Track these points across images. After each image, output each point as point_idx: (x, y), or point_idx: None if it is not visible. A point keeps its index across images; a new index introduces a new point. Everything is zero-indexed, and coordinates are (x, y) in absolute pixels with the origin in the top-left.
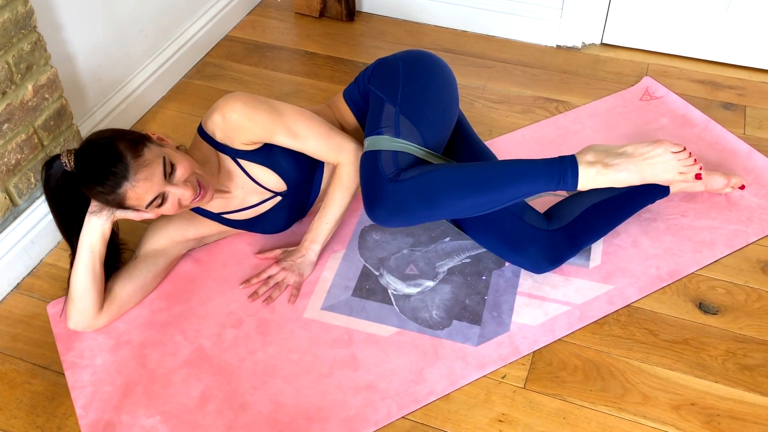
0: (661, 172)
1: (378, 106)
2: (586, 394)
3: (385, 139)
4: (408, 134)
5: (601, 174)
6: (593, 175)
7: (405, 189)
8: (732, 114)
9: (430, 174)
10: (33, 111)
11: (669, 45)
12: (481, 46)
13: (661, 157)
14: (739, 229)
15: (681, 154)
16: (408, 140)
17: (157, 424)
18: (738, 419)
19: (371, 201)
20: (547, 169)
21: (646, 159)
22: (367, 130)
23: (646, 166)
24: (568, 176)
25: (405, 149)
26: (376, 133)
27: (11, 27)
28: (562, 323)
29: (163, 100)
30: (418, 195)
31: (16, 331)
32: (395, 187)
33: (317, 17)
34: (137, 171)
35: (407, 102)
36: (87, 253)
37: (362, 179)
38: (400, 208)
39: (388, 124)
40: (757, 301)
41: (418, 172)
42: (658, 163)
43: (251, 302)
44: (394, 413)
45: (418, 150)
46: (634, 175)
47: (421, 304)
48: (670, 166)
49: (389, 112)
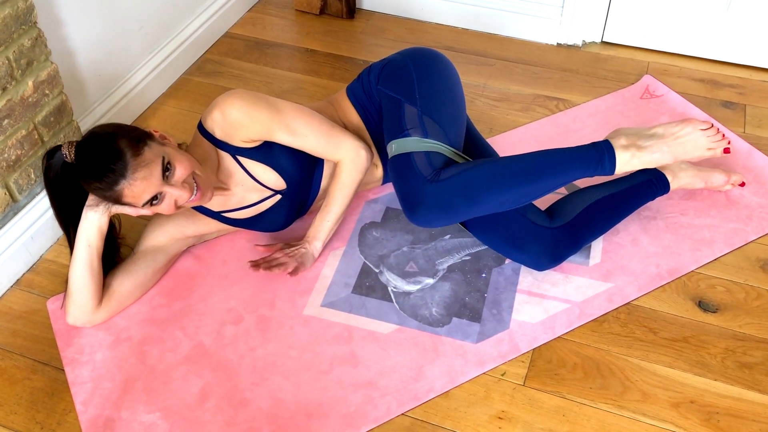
0: (692, 149)
1: (396, 108)
2: (586, 391)
3: (413, 140)
4: (435, 134)
5: (636, 157)
6: (629, 158)
7: (446, 188)
8: (732, 112)
9: (469, 171)
10: (33, 107)
11: (669, 43)
12: (481, 44)
13: (691, 135)
14: (739, 227)
15: (709, 131)
16: (436, 140)
17: (156, 420)
18: (737, 417)
19: (412, 203)
20: (584, 156)
21: (678, 138)
22: (389, 134)
23: (678, 145)
24: (605, 161)
25: (435, 149)
26: (403, 135)
27: (12, 22)
28: (562, 321)
29: (163, 97)
30: (460, 193)
31: (15, 327)
32: (436, 187)
33: (317, 14)
34: (136, 170)
35: (426, 102)
36: (84, 247)
37: (397, 183)
38: (443, 208)
39: (414, 125)
40: (757, 300)
41: (456, 171)
42: (688, 141)
43: (251, 268)
44: (393, 410)
45: (446, 149)
46: (667, 156)
47: (420, 301)
48: (700, 143)
49: (411, 112)
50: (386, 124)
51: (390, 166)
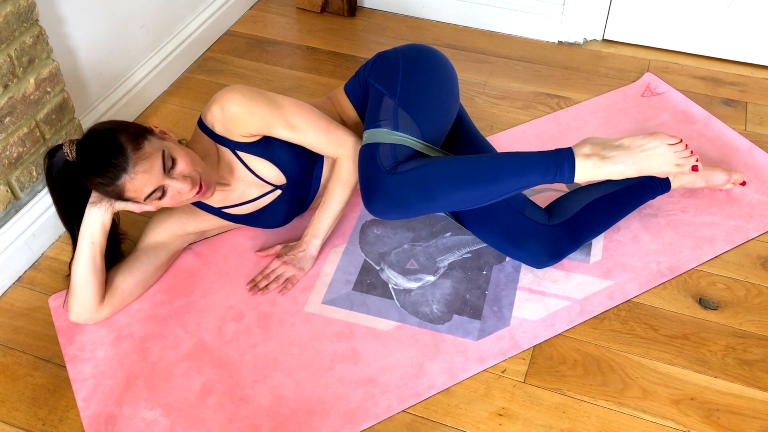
0: (658, 164)
1: (377, 100)
2: (586, 388)
3: (383, 132)
4: (406, 127)
5: (598, 166)
6: (590, 167)
7: (402, 181)
8: (733, 110)
9: (427, 166)
10: (35, 104)
11: (671, 41)
12: (482, 42)
13: (658, 149)
14: (740, 225)
15: (677, 146)
16: (406, 133)
17: (158, 416)
18: (737, 414)
19: (369, 193)
20: (543, 162)
21: (643, 151)
22: (366, 123)
23: (643, 159)
24: (564, 168)
25: (403, 142)
26: (375, 126)
27: (13, 20)
28: (563, 318)
29: (165, 95)
30: (415, 187)
31: (18, 324)
32: (393, 180)
33: (318, 12)
34: (137, 163)
35: (406, 95)
36: (87, 244)
37: (360, 172)
38: (397, 201)
39: (387, 117)
40: (757, 297)
41: (415, 165)
42: (654, 155)
43: (249, 292)
44: (394, 407)
45: (416, 143)
46: (630, 168)
47: (421, 298)
48: (667, 158)
49: (388, 105)
50: (366, 115)
51: (359, 155)
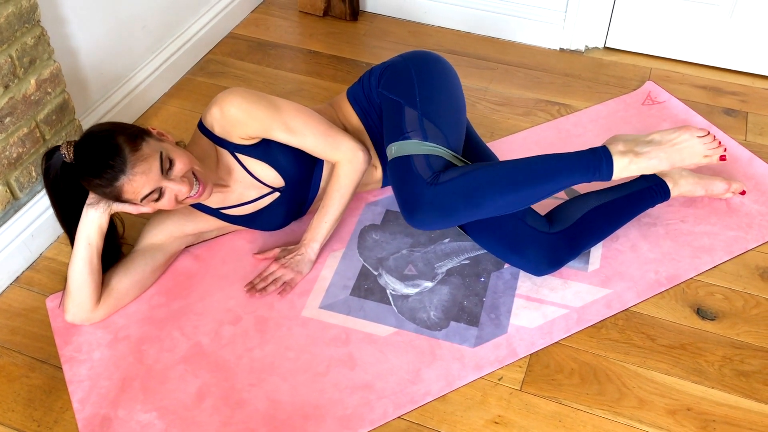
0: (689, 156)
1: (396, 111)
2: (583, 397)
3: (413, 143)
4: (434, 137)
5: (634, 163)
6: (626, 164)
7: (446, 191)
8: (734, 120)
9: (469, 174)
10: (35, 105)
11: (672, 50)
12: (484, 48)
13: (688, 142)
14: (739, 235)
15: (706, 138)
16: (435, 143)
17: (153, 419)
18: (733, 425)
19: (412, 206)
20: (582, 162)
21: (674, 145)
22: (389, 136)
23: (674, 152)
24: (603, 167)
25: (435, 152)
26: (403, 138)
27: (15, 21)
28: (560, 326)
29: (166, 97)
30: (460, 196)
31: (14, 324)
32: (436, 190)
33: (321, 16)
34: (134, 165)
35: (427, 105)
36: (84, 246)
37: (397, 186)
38: (442, 211)
39: (414, 128)
40: (755, 308)
41: (456, 174)
42: (685, 148)
43: (247, 294)
44: (390, 413)
45: (446, 152)
46: (664, 162)
47: (419, 304)
48: (697, 150)
49: (411, 115)
50: (386, 127)
51: (389, 168)
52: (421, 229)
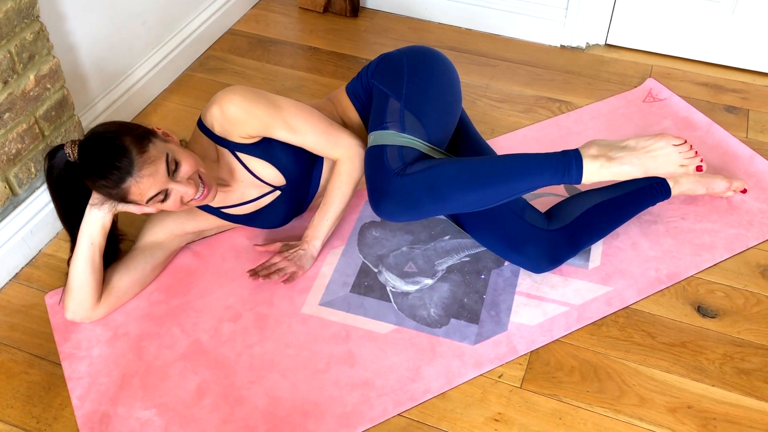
0: (663, 165)
1: (382, 101)
2: (583, 395)
3: (390, 133)
4: (413, 129)
5: (605, 167)
6: (597, 168)
7: (411, 183)
8: (735, 117)
9: (436, 168)
10: (34, 101)
11: (673, 47)
12: (485, 45)
13: (663, 150)
14: (740, 233)
15: (682, 147)
16: (413, 135)
17: (152, 416)
18: (734, 423)
19: (377, 195)
20: (552, 163)
21: (649, 152)
22: (371, 125)
23: (649, 159)
24: (572, 169)
25: (410, 144)
26: (381, 128)
27: (14, 16)
28: (560, 324)
29: (166, 93)
30: (424, 188)
31: (14, 320)
32: (401, 181)
33: (321, 12)
34: (142, 167)
35: (412, 97)
36: (87, 245)
37: (367, 174)
38: (406, 202)
39: (393, 119)
40: (756, 306)
41: (424, 166)
42: (660, 156)
43: (250, 279)
44: (390, 410)
45: (422, 145)
46: (637, 168)
47: (419, 301)
48: (672, 159)
49: (394, 107)
50: (371, 117)
51: (365, 157)
52: (387, 219)
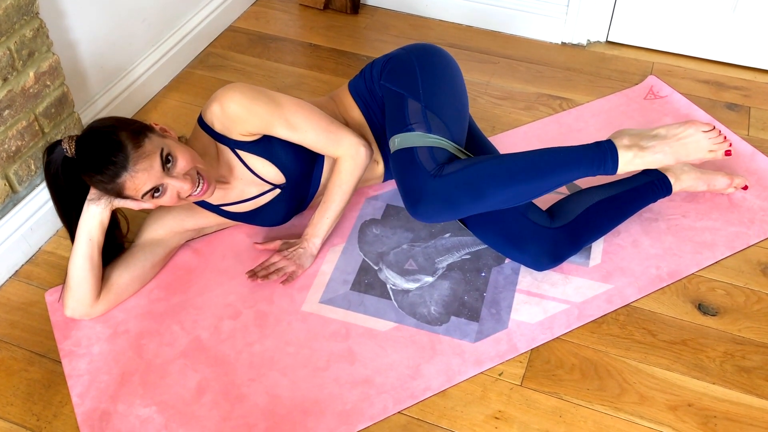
0: (694, 151)
1: (399, 103)
2: (583, 393)
3: (416, 135)
4: (438, 129)
5: (639, 156)
6: (631, 158)
7: (450, 183)
8: (736, 115)
9: (473, 166)
10: (34, 98)
11: (674, 44)
12: (485, 42)
13: (693, 136)
14: (741, 230)
15: (711, 133)
16: (439, 135)
17: (152, 414)
18: (735, 421)
19: (415, 198)
20: (588, 155)
21: (680, 139)
22: (392, 128)
23: (680, 146)
24: (608, 160)
25: (438, 144)
26: (407, 130)
27: (13, 13)
28: (561, 321)
29: (166, 90)
30: (464, 188)
31: (14, 318)
32: (439, 182)
33: (321, 9)
34: (137, 162)
35: (430, 97)
36: (85, 241)
37: (400, 178)
38: (446, 203)
39: (417, 120)
40: (757, 303)
41: (460, 166)
42: (690, 143)
43: (248, 280)
44: (390, 408)
45: (449, 144)
46: (669, 156)
47: (419, 299)
48: (702, 145)
49: (414, 108)
50: (389, 119)
51: (392, 160)
52: (425, 222)
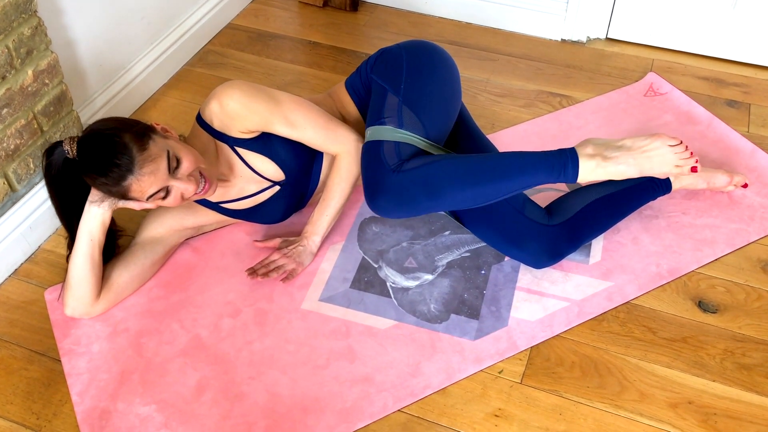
0: (658, 165)
1: (380, 96)
2: (583, 390)
3: (387, 129)
4: (410, 125)
5: (601, 167)
6: (593, 167)
7: (407, 179)
8: (736, 112)
9: (432, 165)
10: (33, 96)
11: (674, 41)
12: (485, 39)
13: (659, 150)
14: (741, 227)
15: (677, 147)
16: (410, 131)
17: (152, 412)
18: (735, 418)
19: (373, 191)
20: (548, 161)
21: (644, 152)
22: (368, 120)
23: (644, 159)
24: (568, 168)
25: (407, 140)
26: (379, 123)
27: (11, 11)
28: (561, 319)
29: (165, 88)
30: (420, 185)
31: (13, 316)
32: (397, 178)
33: (321, 7)
34: (142, 165)
35: (410, 93)
36: (86, 241)
37: (363, 169)
38: (402, 199)
39: (391, 114)
40: (757, 301)
41: (420, 163)
42: (655, 156)
43: (248, 278)
44: (390, 406)
45: (420, 141)
46: (632, 168)
47: (419, 297)
48: (667, 159)
49: (392, 102)
50: (369, 111)
51: (362, 152)
52: (382, 216)
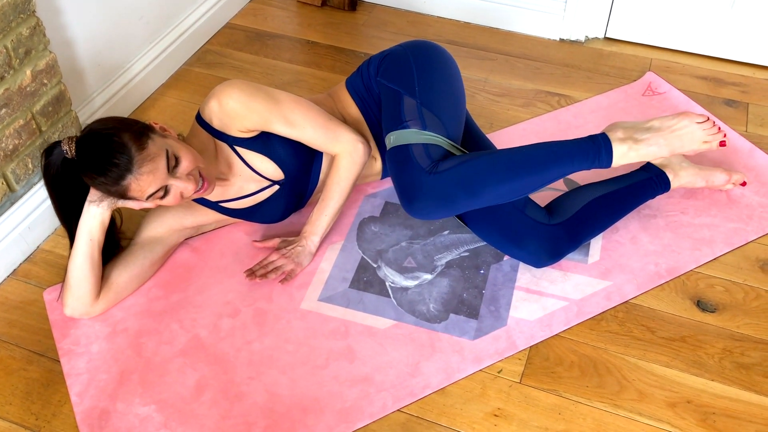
0: (688, 142)
1: (394, 100)
2: (582, 390)
3: (412, 132)
4: (433, 126)
5: (633, 149)
6: (625, 150)
7: (445, 180)
8: (734, 111)
9: (468, 162)
10: (31, 96)
11: (673, 40)
12: (484, 39)
13: (687, 128)
14: (739, 227)
15: (705, 124)
16: (434, 132)
17: (152, 412)
18: (733, 418)
19: (411, 195)
20: (582, 149)
21: (674, 131)
22: (387, 125)
23: (674, 138)
24: (602, 154)
25: (434, 141)
26: (402, 127)
27: (10, 11)
28: (560, 318)
29: (163, 87)
30: (459, 184)
31: (12, 317)
32: (434, 179)
33: (319, 6)
34: (141, 164)
35: (426, 94)
36: (86, 241)
37: (395, 175)
38: (442, 200)
39: (413, 117)
40: (756, 300)
41: (455, 162)
42: (684, 134)
43: (246, 279)
44: (389, 406)
45: (444, 141)
46: (663, 149)
47: (418, 297)
48: (696, 136)
49: (410, 104)
50: (385, 116)
51: (388, 157)
52: (421, 219)
